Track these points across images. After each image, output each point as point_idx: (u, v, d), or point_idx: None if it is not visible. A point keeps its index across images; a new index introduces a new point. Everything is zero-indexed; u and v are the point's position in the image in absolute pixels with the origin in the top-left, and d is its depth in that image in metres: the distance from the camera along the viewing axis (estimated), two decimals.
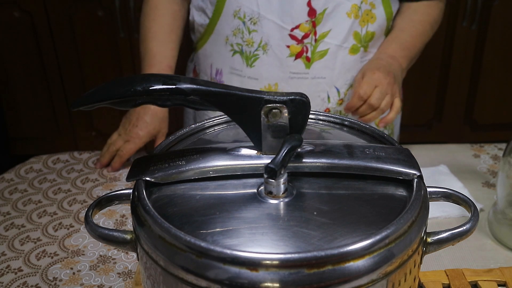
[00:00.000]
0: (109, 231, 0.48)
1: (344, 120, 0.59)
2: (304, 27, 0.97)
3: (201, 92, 0.45)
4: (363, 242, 0.39)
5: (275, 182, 0.45)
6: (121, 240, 0.47)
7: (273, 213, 0.44)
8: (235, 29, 1.00)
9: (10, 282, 0.75)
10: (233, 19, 1.00)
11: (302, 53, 0.99)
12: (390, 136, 0.55)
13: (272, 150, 0.48)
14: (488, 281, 0.70)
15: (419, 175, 0.47)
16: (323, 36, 0.98)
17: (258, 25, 0.98)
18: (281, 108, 0.46)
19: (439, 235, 0.47)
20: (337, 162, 0.48)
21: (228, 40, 1.02)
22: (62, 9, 1.99)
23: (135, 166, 0.49)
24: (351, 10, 0.97)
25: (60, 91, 2.14)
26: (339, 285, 0.39)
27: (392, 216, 0.43)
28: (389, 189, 0.48)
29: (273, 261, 0.38)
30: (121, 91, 0.45)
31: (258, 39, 0.99)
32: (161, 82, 0.45)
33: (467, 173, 0.97)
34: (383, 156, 0.49)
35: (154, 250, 0.42)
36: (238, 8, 0.98)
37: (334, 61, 1.00)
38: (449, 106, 2.24)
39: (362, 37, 1.01)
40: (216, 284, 0.39)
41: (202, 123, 0.58)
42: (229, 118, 0.48)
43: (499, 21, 2.07)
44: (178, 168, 0.48)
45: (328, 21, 0.97)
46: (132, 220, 0.46)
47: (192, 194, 0.47)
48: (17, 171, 1.02)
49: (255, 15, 0.98)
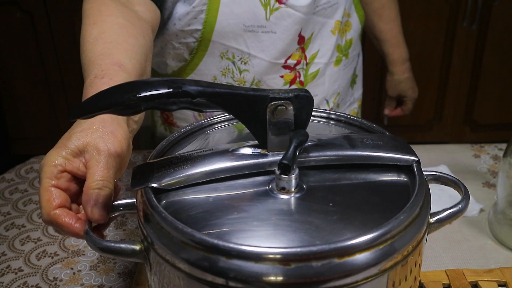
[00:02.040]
0: (115, 244, 0.46)
1: (330, 114, 0.60)
2: (295, 55, 0.95)
3: (207, 93, 0.45)
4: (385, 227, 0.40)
5: (288, 178, 0.45)
6: (129, 252, 0.45)
7: (290, 209, 0.45)
8: (224, 69, 0.94)
9: (10, 282, 0.75)
10: (221, 60, 0.93)
11: (296, 79, 0.97)
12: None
13: (276, 147, 0.49)
14: (489, 281, 0.70)
15: (417, 160, 0.50)
16: (313, 58, 0.97)
17: (249, 65, 0.93)
18: (287, 104, 0.47)
19: (439, 215, 0.50)
20: (342, 153, 0.49)
21: (217, 79, 0.95)
22: (62, 9, 1.99)
23: (137, 173, 0.48)
24: (335, 27, 0.97)
25: (60, 91, 2.14)
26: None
27: (401, 203, 0.44)
28: (392, 176, 0.50)
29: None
30: (125, 97, 0.43)
31: (250, 78, 0.95)
32: (166, 86, 0.44)
33: (467, 173, 0.97)
34: (382, 145, 0.51)
35: (176, 257, 0.41)
36: (226, 50, 0.92)
37: (324, 78, 1.01)
38: (449, 106, 2.24)
39: (342, 47, 1.02)
40: (242, 284, 0.38)
41: (196, 124, 0.58)
42: (235, 118, 0.48)
43: (499, 21, 2.07)
44: (185, 172, 0.47)
45: (315, 42, 0.96)
46: (143, 229, 0.44)
47: (204, 197, 0.46)
48: (18, 171, 1.02)
49: (245, 55, 0.92)
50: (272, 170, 0.48)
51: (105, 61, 0.62)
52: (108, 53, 0.64)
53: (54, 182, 0.50)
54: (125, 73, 0.61)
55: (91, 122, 0.54)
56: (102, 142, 0.52)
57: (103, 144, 0.51)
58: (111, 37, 0.67)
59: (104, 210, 0.48)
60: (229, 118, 0.60)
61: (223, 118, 0.60)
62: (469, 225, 0.84)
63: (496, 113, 2.25)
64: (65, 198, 0.50)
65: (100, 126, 0.53)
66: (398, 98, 1.26)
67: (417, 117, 2.20)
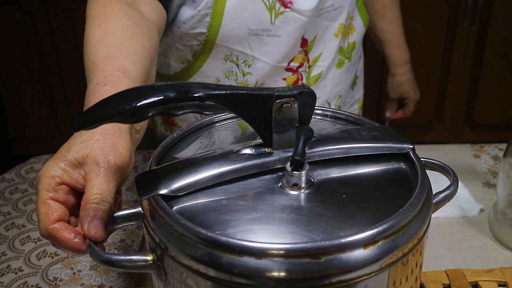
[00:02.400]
0: (125, 256, 0.44)
1: (316, 108, 0.60)
2: (298, 57, 0.95)
3: (216, 96, 0.45)
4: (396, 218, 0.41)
5: (299, 174, 0.46)
6: (142, 263, 0.44)
7: (306, 204, 0.45)
8: (228, 72, 0.94)
9: (10, 282, 0.75)
10: (225, 62, 0.93)
11: (298, 82, 0.97)
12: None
13: (280, 145, 0.49)
14: (489, 281, 0.70)
15: (412, 147, 0.52)
16: (315, 60, 0.97)
17: (253, 68, 0.93)
18: (292, 102, 0.47)
19: (436, 198, 0.51)
20: (344, 146, 0.50)
21: (220, 81, 0.96)
22: (62, 9, 1.99)
23: (142, 182, 0.47)
24: (338, 30, 0.97)
25: (60, 91, 2.14)
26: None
27: (407, 189, 0.47)
28: (392, 164, 0.51)
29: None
30: (133, 104, 0.41)
31: (253, 80, 0.95)
32: (174, 91, 0.43)
33: (467, 173, 0.97)
34: (378, 135, 0.52)
35: (201, 264, 0.40)
36: (230, 53, 0.92)
37: (326, 80, 1.01)
38: (449, 106, 2.24)
39: (345, 50, 1.02)
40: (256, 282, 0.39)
41: (196, 124, 0.58)
42: (241, 118, 0.48)
43: (499, 21, 2.07)
44: (193, 177, 0.46)
45: (319, 45, 0.96)
46: (155, 238, 0.43)
47: (216, 199, 0.46)
48: (18, 171, 1.02)
49: (249, 58, 0.92)
50: (279, 168, 0.48)
51: (108, 66, 0.60)
52: (112, 57, 0.62)
53: (51, 195, 0.49)
54: (129, 80, 0.59)
55: (91, 133, 0.52)
56: (102, 154, 0.50)
57: (103, 157, 0.50)
58: (115, 39, 0.65)
59: (102, 227, 0.47)
60: (227, 117, 0.60)
61: (222, 117, 0.60)
62: (469, 225, 0.84)
63: (496, 113, 2.25)
64: (63, 211, 0.49)
65: (101, 137, 0.51)
66: (399, 100, 1.26)
67: (417, 117, 2.19)
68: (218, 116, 0.60)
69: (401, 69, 1.20)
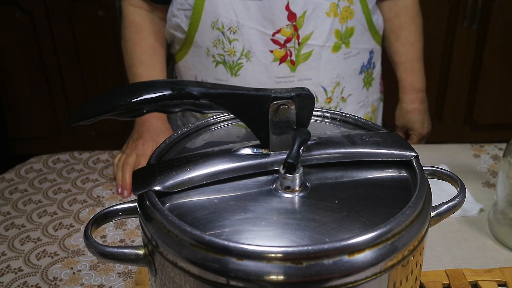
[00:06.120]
0: (118, 249, 0.45)
1: (325, 112, 0.60)
2: (286, 31, 0.96)
3: (211, 95, 0.45)
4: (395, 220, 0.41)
5: (292, 177, 0.45)
6: (133, 257, 0.45)
7: (297, 207, 0.45)
8: (215, 40, 0.99)
9: (10, 282, 0.75)
10: (212, 30, 0.98)
11: (286, 57, 0.98)
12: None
13: (278, 146, 0.49)
14: (488, 281, 0.70)
15: (416, 155, 0.50)
16: (306, 38, 0.98)
17: (239, 34, 0.97)
18: (289, 103, 0.47)
19: (438, 209, 0.50)
20: (343, 151, 0.50)
21: (209, 51, 1.00)
22: (62, 9, 1.99)
23: (138, 177, 0.48)
24: (330, 9, 0.97)
25: (60, 91, 2.14)
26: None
27: (404, 198, 0.45)
28: (392, 171, 0.50)
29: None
30: (128, 100, 0.43)
31: (240, 47, 0.98)
32: (169, 88, 0.43)
33: (467, 173, 0.97)
34: (381, 141, 0.51)
35: (184, 260, 0.40)
36: (216, 19, 0.97)
37: (319, 62, 1.01)
38: (449, 106, 2.24)
39: (342, 34, 1.01)
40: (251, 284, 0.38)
41: (195, 125, 0.58)
42: (237, 118, 0.48)
43: (499, 21, 2.07)
44: (188, 175, 0.47)
45: (310, 23, 0.97)
46: (147, 232, 0.44)
47: (208, 198, 0.46)
48: (17, 171, 1.02)
49: (234, 24, 0.96)
50: (275, 170, 0.48)
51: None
52: (143, 76, 1.05)
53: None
54: None
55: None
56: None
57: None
58: (147, 62, 1.07)
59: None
60: (226, 118, 0.60)
61: (221, 118, 0.60)
62: (469, 225, 0.84)
63: (496, 113, 2.25)
64: None
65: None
66: (405, 131, 1.20)
67: None
68: (227, 115, 0.59)
69: (409, 95, 1.15)
